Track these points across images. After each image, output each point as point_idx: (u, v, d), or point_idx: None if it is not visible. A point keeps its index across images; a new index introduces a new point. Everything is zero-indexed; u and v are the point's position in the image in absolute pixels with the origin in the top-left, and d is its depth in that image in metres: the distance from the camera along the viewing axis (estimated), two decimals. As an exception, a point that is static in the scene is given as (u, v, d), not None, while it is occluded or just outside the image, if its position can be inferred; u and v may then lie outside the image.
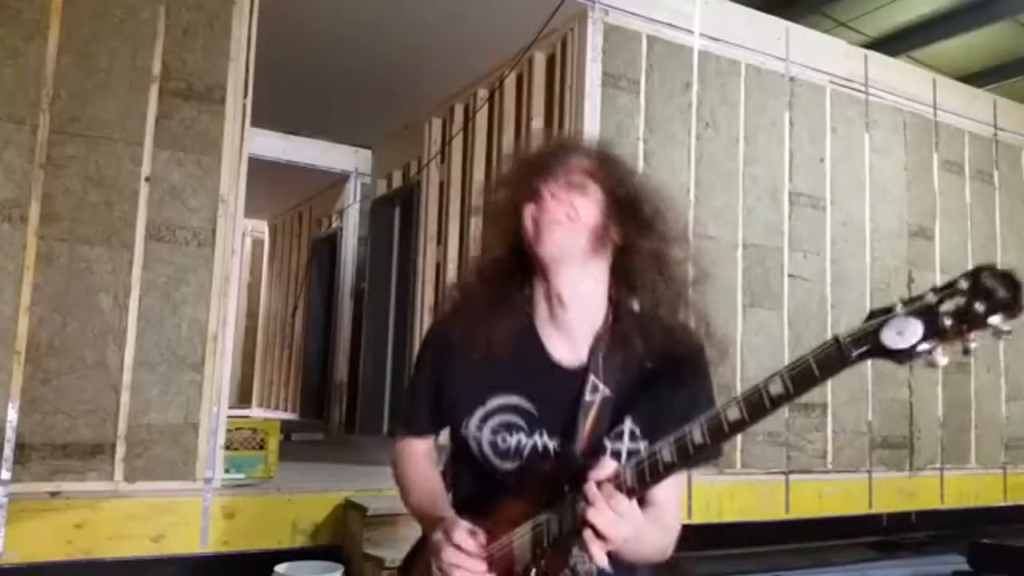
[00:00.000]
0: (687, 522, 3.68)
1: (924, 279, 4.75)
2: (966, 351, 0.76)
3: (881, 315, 0.81)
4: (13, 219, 2.70)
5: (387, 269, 6.11)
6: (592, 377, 1.17)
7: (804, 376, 0.86)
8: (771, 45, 4.35)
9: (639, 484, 0.99)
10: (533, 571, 1.09)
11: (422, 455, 1.36)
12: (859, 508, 4.31)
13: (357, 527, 2.94)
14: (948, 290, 0.76)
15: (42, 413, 2.68)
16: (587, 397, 1.16)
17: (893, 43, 6.46)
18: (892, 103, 4.76)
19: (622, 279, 1.23)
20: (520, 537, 1.09)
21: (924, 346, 0.77)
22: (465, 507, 1.22)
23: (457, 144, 5.06)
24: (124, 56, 2.91)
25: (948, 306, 0.75)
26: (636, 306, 1.22)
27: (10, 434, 2.62)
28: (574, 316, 1.22)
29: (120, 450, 2.78)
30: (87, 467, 2.72)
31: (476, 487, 1.25)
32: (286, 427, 4.64)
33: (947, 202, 4.93)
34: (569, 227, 1.18)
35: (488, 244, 1.30)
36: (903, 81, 4.88)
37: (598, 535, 0.97)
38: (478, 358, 1.23)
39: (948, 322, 0.75)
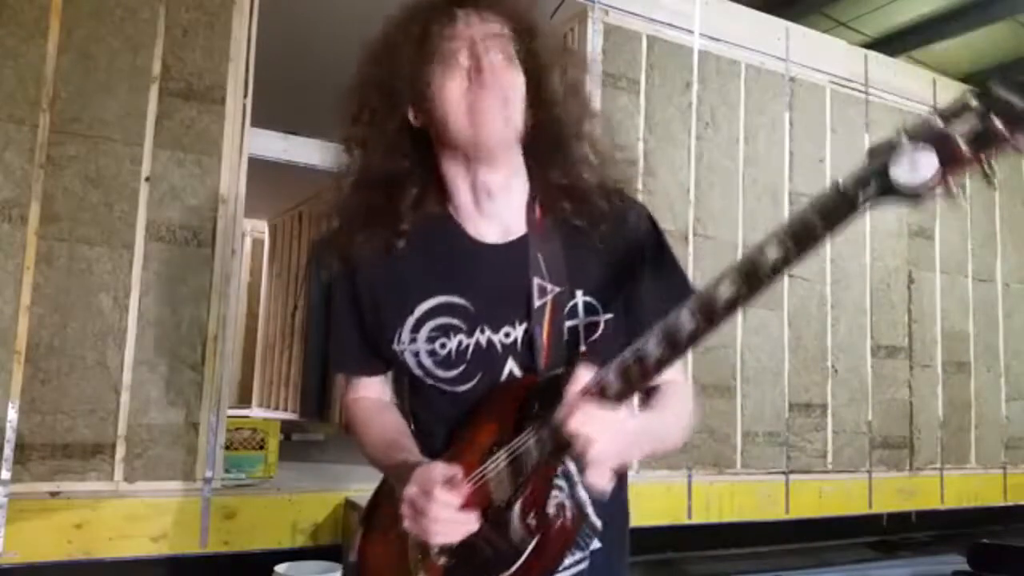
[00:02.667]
0: (687, 522, 3.72)
1: (924, 279, 4.75)
2: (987, 177, 0.66)
3: (883, 152, 0.69)
4: (13, 219, 2.69)
5: (387, 269, 6.10)
6: (537, 280, 1.03)
7: (805, 230, 0.72)
8: (771, 45, 4.35)
9: (625, 386, 0.84)
10: (518, 505, 0.94)
11: (374, 398, 1.21)
12: (859, 508, 4.30)
13: (357, 527, 2.94)
14: (955, 109, 0.65)
15: (42, 413, 2.68)
16: (536, 303, 1.02)
17: (893, 43, 6.45)
18: (892, 103, 4.75)
19: (539, 150, 1.10)
20: (494, 468, 0.95)
21: (939, 177, 0.66)
22: (424, 442, 1.09)
23: (457, 144, 5.05)
24: (124, 56, 2.91)
25: (962, 128, 0.64)
26: (558, 176, 1.09)
27: (10, 434, 2.62)
28: (502, 201, 1.09)
29: (120, 450, 2.78)
30: (87, 467, 2.72)
31: (429, 414, 1.10)
32: (286, 427, 4.63)
33: (947, 202, 4.91)
34: (509, 111, 1.03)
35: (369, 139, 1.13)
36: (903, 81, 4.87)
37: (592, 461, 0.84)
38: (391, 268, 1.09)
39: (965, 147, 0.64)
